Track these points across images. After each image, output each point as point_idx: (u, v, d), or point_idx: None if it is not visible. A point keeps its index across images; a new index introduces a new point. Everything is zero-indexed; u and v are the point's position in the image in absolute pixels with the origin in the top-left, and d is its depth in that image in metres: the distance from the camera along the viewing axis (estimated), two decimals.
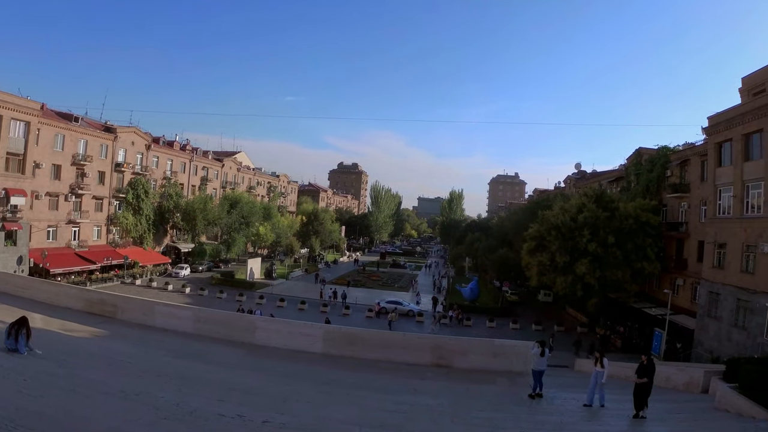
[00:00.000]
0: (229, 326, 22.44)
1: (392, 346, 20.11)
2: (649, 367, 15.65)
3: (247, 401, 12.84)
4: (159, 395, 12.13)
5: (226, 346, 21.05)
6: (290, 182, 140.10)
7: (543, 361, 17.17)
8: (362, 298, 65.57)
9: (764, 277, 32.29)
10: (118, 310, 26.62)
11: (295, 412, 12.28)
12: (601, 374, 16.23)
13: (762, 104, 33.79)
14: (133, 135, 73.48)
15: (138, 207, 71.59)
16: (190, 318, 23.55)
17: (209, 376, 15.86)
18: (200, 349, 20.38)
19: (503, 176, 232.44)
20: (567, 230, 49.58)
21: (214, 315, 23.93)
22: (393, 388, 16.38)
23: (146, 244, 73.97)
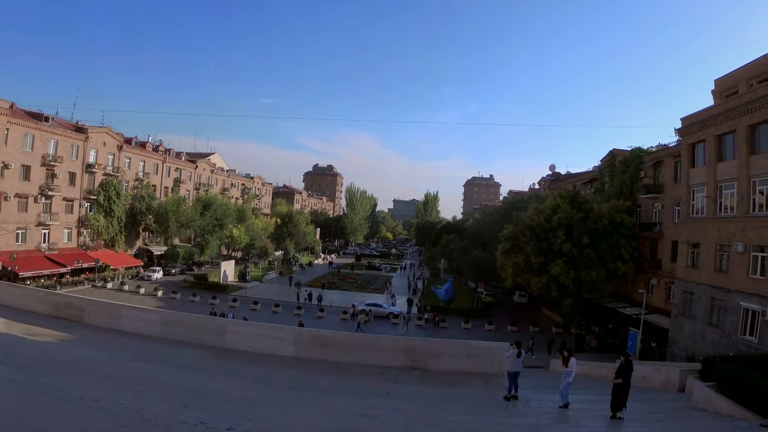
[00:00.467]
0: (198, 329, 21.64)
1: (365, 348, 19.50)
2: (627, 367, 15.29)
3: (212, 407, 12.20)
4: (120, 402, 11.43)
5: (195, 349, 20.28)
6: (265, 184, 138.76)
7: (519, 363, 16.78)
8: (337, 300, 64.89)
9: (738, 276, 32.39)
10: (85, 314, 25.70)
11: (262, 417, 11.65)
12: (568, 374, 15.90)
13: (735, 105, 33.94)
14: (105, 135, 71.79)
15: (109, 209, 69.93)
16: (157, 321, 22.70)
17: (175, 380, 15.14)
18: (168, 353, 19.60)
19: (478, 178, 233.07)
20: (541, 231, 49.60)
21: (183, 318, 23.11)
22: (365, 391, 15.81)
23: (118, 246, 72.30)
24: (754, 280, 31.05)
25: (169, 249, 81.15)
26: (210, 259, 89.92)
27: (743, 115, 32.97)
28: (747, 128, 32.68)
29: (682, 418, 15.08)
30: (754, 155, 32.34)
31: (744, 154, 32.77)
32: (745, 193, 32.45)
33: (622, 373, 15.02)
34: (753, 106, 32.08)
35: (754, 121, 32.19)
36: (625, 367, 15.22)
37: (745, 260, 31.88)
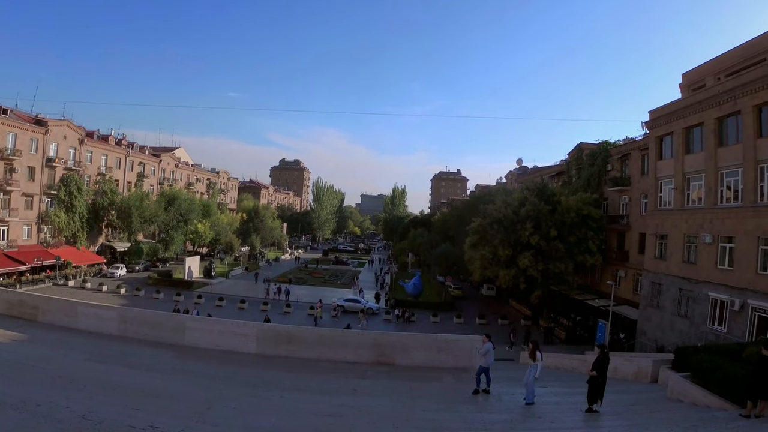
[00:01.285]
0: (157, 327, 20.50)
1: (331, 343, 18.59)
2: (604, 359, 14.79)
3: (166, 409, 11.29)
4: (65, 405, 10.46)
5: (154, 348, 19.21)
6: (231, 179, 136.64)
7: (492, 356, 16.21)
8: (304, 296, 63.90)
9: (706, 267, 32.53)
10: (39, 312, 24.31)
11: (219, 420, 10.76)
12: (534, 368, 15.16)
13: (703, 98, 34.12)
14: (66, 128, 69.16)
15: (71, 204, 67.47)
16: (115, 319, 21.51)
17: (130, 381, 14.13)
18: (125, 352, 18.51)
19: (445, 173, 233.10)
20: (509, 223, 49.44)
21: (141, 315, 21.88)
22: (331, 388, 14.98)
23: (80, 243, 69.90)
24: (722, 270, 31.21)
25: (132, 245, 78.90)
26: (175, 256, 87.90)
27: (711, 108, 33.14)
28: (715, 121, 32.87)
29: (659, 410, 14.65)
30: (721, 147, 32.54)
31: (712, 146, 32.94)
32: (713, 184, 32.61)
33: (598, 366, 14.50)
34: (721, 99, 32.25)
35: (722, 114, 32.36)
36: (601, 360, 14.70)
37: (713, 251, 32.03)
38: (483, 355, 15.84)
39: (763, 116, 29.69)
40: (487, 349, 15.91)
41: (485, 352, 15.86)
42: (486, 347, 15.93)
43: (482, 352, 15.86)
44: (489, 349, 15.98)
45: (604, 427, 12.54)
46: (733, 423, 12.20)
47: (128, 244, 79.01)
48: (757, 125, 29.77)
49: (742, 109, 30.55)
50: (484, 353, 15.85)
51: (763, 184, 29.16)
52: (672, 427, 11.93)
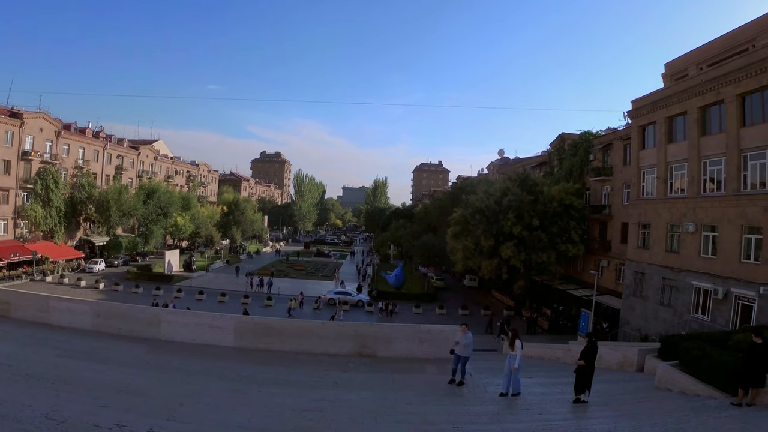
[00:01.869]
0: (131, 320, 19.77)
1: (311, 335, 17.96)
2: (592, 349, 14.51)
3: (136, 406, 10.64)
4: (28, 404, 9.77)
5: (128, 342, 18.49)
6: (210, 171, 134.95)
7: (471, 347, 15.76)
8: (286, 288, 63.12)
9: (689, 256, 32.47)
10: (11, 308, 23.42)
11: (191, 417, 10.14)
12: (513, 358, 14.49)
13: (686, 87, 34.03)
14: (42, 121, 67.23)
15: (47, 198, 65.68)
16: (88, 313, 20.72)
17: (100, 377, 13.44)
18: (97, 347, 17.77)
19: (427, 165, 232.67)
20: (492, 214, 49.21)
21: (115, 309, 21.11)
22: (311, 382, 14.37)
23: (57, 238, 68.13)
24: (706, 259, 31.19)
25: (111, 240, 77.38)
26: (155, 250, 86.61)
27: (694, 97, 33.08)
28: (698, 110, 32.82)
29: (648, 399, 14.32)
30: (704, 137, 32.54)
31: (695, 135, 32.91)
32: (696, 174, 32.58)
33: (586, 355, 14.15)
34: (704, 88, 32.18)
35: (705, 103, 32.32)
36: (589, 349, 14.39)
37: (696, 240, 31.99)
38: (466, 345, 15.31)
39: (747, 105, 29.62)
40: (470, 340, 15.42)
41: (468, 343, 15.37)
42: (468, 338, 15.48)
43: (466, 343, 15.38)
44: (470, 340, 15.50)
45: (593, 417, 12.13)
46: (725, 412, 11.90)
47: (107, 239, 77.49)
48: (741, 114, 29.71)
49: (726, 98, 30.48)
50: (467, 344, 15.35)
51: (746, 172, 29.11)
52: (663, 417, 11.57)
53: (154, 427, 8.79)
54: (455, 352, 15.44)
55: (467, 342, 15.34)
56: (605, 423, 11.07)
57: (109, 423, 8.69)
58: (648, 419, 11.24)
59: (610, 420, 11.45)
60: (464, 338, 15.40)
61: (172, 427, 9.12)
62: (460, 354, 15.38)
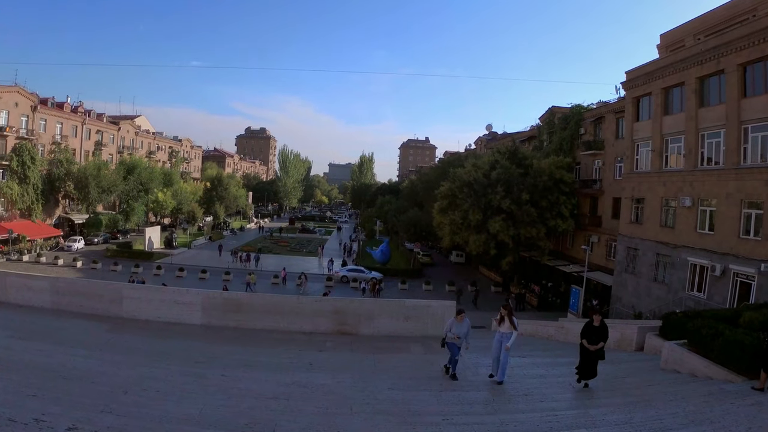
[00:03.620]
0: (92, 297, 18.16)
1: (285, 312, 16.36)
2: (603, 329, 12.56)
3: (72, 394, 9.12)
4: None
5: (89, 320, 16.92)
6: (194, 147, 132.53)
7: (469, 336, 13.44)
8: (271, 264, 61.94)
9: (685, 231, 31.46)
10: None
11: (129, 408, 8.56)
12: (507, 337, 12.65)
13: (684, 57, 32.88)
14: (17, 95, 64.74)
15: (24, 175, 63.19)
16: (47, 290, 19.08)
17: (48, 360, 11.82)
18: (55, 327, 16.21)
19: (414, 141, 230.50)
20: (480, 187, 47.98)
21: (75, 285, 19.45)
22: (283, 363, 12.86)
23: (35, 216, 65.79)
24: (702, 234, 30.23)
25: (91, 217, 75.39)
26: (137, 227, 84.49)
27: (692, 67, 32.01)
28: (696, 80, 31.78)
29: (657, 382, 12.95)
30: (703, 108, 31.53)
31: (693, 107, 31.89)
32: (694, 146, 31.53)
33: (600, 337, 12.40)
34: (703, 58, 31.09)
35: (704, 73, 31.24)
36: (600, 330, 12.53)
37: (693, 215, 31.02)
38: (464, 336, 12.91)
39: (748, 75, 28.52)
40: (467, 329, 13.11)
41: (466, 333, 12.99)
42: (465, 326, 13.04)
43: (463, 333, 12.90)
44: (468, 329, 13.21)
45: (603, 405, 10.67)
46: (748, 398, 10.58)
47: (87, 216, 75.55)
48: (742, 85, 28.63)
49: (726, 68, 29.37)
50: (465, 334, 12.96)
51: (746, 145, 28.11)
52: (681, 404, 10.24)
53: (79, 422, 7.31)
54: (449, 342, 13.03)
55: (465, 332, 12.98)
56: (618, 413, 9.69)
57: (27, 416, 7.20)
58: (665, 408, 9.93)
59: (623, 409, 10.08)
60: (461, 327, 12.97)
61: (101, 420, 7.62)
62: (457, 344, 13.00)
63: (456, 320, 13.04)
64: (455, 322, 13.00)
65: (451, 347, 13.02)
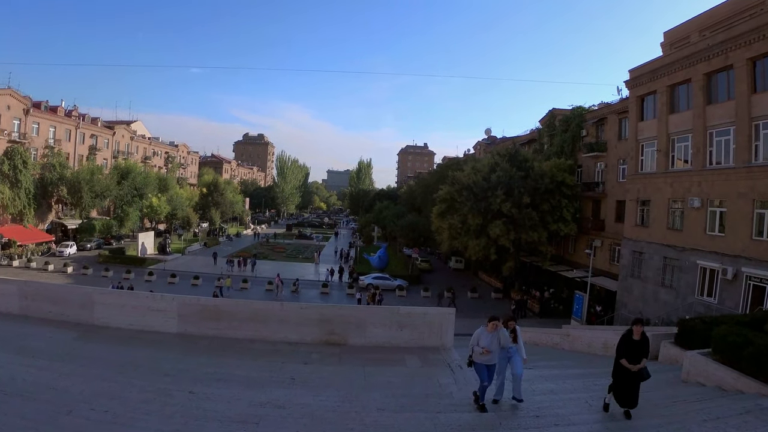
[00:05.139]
0: (62, 303, 16.71)
1: (268, 320, 14.84)
2: (645, 343, 10.10)
3: (5, 414, 7.91)
4: None
5: (57, 327, 15.48)
6: (190, 153, 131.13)
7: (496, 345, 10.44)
8: (265, 270, 60.58)
9: (694, 233, 30.17)
10: None
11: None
12: (513, 351, 10.71)
13: (691, 53, 31.76)
14: (9, 98, 63.61)
15: (16, 179, 61.83)
16: (14, 294, 17.62)
17: None
18: (18, 334, 14.75)
19: (412, 146, 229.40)
20: (480, 190, 46.71)
21: (44, 289, 17.90)
22: (262, 378, 11.39)
23: (27, 220, 64.44)
24: (712, 237, 28.95)
25: (84, 222, 74.05)
26: (131, 233, 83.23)
27: (699, 63, 30.89)
28: (703, 77, 30.66)
29: (683, 398, 11.42)
30: (710, 105, 30.39)
31: (700, 104, 30.74)
32: (702, 145, 30.31)
33: (641, 352, 9.94)
34: (710, 53, 29.98)
35: (712, 69, 30.10)
36: (641, 344, 10.04)
37: (702, 216, 29.73)
38: (497, 350, 10.35)
39: (758, 70, 27.37)
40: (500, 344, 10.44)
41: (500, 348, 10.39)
42: (498, 340, 10.35)
43: (495, 346, 10.27)
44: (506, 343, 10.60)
45: (631, 429, 9.18)
46: None
47: (80, 221, 74.19)
48: (752, 80, 27.48)
49: (735, 62, 28.26)
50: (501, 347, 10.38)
51: (758, 142, 26.95)
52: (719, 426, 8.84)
53: None
54: (476, 362, 10.35)
55: (502, 344, 10.41)
56: None
57: None
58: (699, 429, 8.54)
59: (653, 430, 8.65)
60: (493, 340, 10.27)
61: None
62: (485, 363, 10.28)
63: (486, 330, 10.42)
64: (484, 333, 10.39)
65: (479, 369, 10.39)
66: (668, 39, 41.00)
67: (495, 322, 10.35)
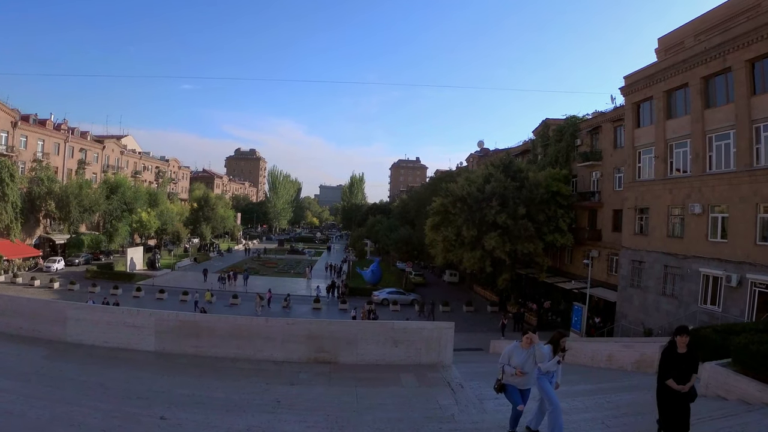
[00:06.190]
0: (33, 318, 15.57)
1: (252, 336, 13.60)
2: (693, 357, 8.64)
3: None
4: None
5: (27, 345, 14.35)
6: (181, 168, 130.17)
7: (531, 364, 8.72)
8: (256, 286, 59.22)
9: (695, 240, 29.34)
10: None
11: None
12: (547, 380, 8.83)
13: (687, 57, 31.22)
14: None
15: (3, 193, 59.95)
16: None
17: None
18: None
19: (404, 161, 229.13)
20: (474, 202, 45.86)
21: (13, 303, 16.69)
22: (244, 401, 10.25)
23: (14, 235, 62.51)
24: (714, 243, 28.13)
25: (72, 237, 72.79)
26: (121, 248, 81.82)
27: (696, 67, 30.36)
28: (701, 80, 30.07)
29: (708, 414, 10.20)
30: (709, 109, 29.73)
31: (698, 108, 30.13)
32: (701, 150, 29.64)
33: (690, 367, 8.48)
34: (708, 56, 29.45)
35: (709, 72, 29.57)
36: (689, 358, 8.57)
37: (703, 222, 28.93)
38: (532, 370, 8.72)
39: (757, 71, 26.79)
40: (539, 360, 8.72)
41: (538, 365, 8.69)
42: (539, 352, 8.68)
43: (531, 365, 8.66)
44: (545, 359, 8.83)
45: None
46: None
47: (68, 236, 72.90)
48: (751, 82, 26.89)
49: (733, 65, 27.68)
50: (539, 366, 8.69)
51: (759, 145, 26.26)
52: None
53: None
54: (508, 385, 8.70)
55: (538, 362, 8.64)
56: None
57: None
58: None
59: None
60: (528, 358, 8.60)
61: None
62: (519, 386, 8.69)
63: (519, 345, 8.70)
64: (517, 350, 8.69)
65: (511, 393, 8.69)
66: (663, 45, 40.55)
67: (530, 335, 8.64)
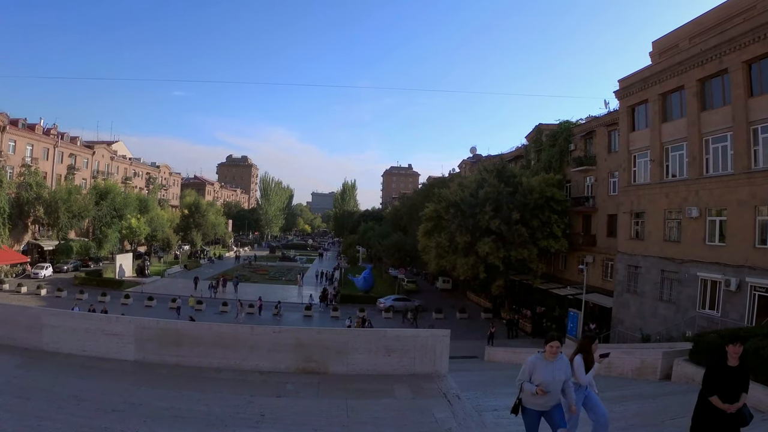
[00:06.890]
0: (7, 324, 14.89)
1: (237, 345, 12.79)
2: (744, 372, 7.18)
3: None
4: None
5: (2, 353, 13.69)
6: (172, 174, 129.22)
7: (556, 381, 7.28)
8: (247, 293, 58.64)
9: (692, 244, 28.92)
10: None
11: None
12: (584, 393, 8.12)
13: (683, 59, 30.93)
14: None
15: None
16: None
17: None
18: None
19: (396, 168, 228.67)
20: (467, 207, 45.35)
21: None
22: (226, 414, 9.55)
23: (1, 241, 61.62)
24: (712, 247, 27.72)
25: (61, 243, 71.73)
26: (110, 255, 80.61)
27: (693, 69, 30.09)
28: (697, 83, 29.79)
29: None
30: (705, 111, 29.45)
31: (694, 111, 29.84)
32: (698, 152, 29.31)
33: (739, 384, 7.07)
34: (704, 58, 29.19)
35: (706, 74, 29.28)
36: (739, 372, 7.09)
37: (701, 226, 28.55)
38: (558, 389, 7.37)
39: (754, 73, 26.51)
40: (563, 375, 7.40)
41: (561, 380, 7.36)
42: (558, 370, 7.29)
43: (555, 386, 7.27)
44: (566, 374, 7.48)
45: None
46: None
47: (57, 242, 71.85)
48: (748, 83, 26.64)
49: (730, 66, 27.41)
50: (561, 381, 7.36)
51: (756, 147, 25.96)
52: None
53: None
54: (528, 408, 7.36)
55: (560, 378, 7.29)
56: None
57: None
58: None
59: None
60: (554, 371, 7.21)
61: None
62: (539, 409, 7.33)
63: (542, 357, 7.33)
64: (540, 362, 7.29)
65: (530, 418, 7.42)
66: (657, 48, 40.25)
67: (554, 344, 7.26)
